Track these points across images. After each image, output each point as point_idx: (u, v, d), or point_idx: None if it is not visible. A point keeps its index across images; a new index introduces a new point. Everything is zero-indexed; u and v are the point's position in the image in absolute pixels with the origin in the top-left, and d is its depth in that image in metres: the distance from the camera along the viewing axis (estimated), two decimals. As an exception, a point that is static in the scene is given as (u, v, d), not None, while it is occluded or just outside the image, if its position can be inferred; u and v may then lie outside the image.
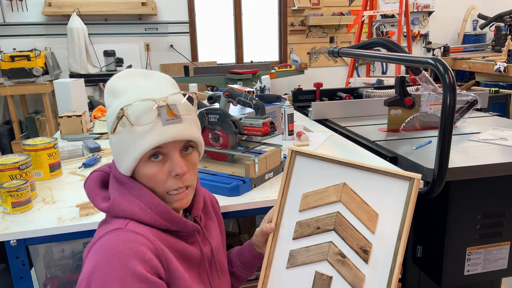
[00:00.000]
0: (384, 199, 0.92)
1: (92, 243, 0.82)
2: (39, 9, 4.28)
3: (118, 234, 0.79)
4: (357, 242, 0.92)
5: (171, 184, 0.85)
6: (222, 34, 5.06)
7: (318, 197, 0.98)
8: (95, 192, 0.89)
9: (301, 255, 0.96)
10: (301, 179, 1.02)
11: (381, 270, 0.88)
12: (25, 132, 4.12)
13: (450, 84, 1.29)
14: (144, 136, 0.81)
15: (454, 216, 1.53)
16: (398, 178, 0.92)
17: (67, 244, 1.61)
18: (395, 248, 0.88)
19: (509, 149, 1.64)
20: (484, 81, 4.30)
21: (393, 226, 0.90)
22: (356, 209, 0.94)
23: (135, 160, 0.83)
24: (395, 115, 1.98)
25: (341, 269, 0.92)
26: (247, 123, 1.48)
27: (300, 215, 0.99)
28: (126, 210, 0.83)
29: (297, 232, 0.98)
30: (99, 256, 0.77)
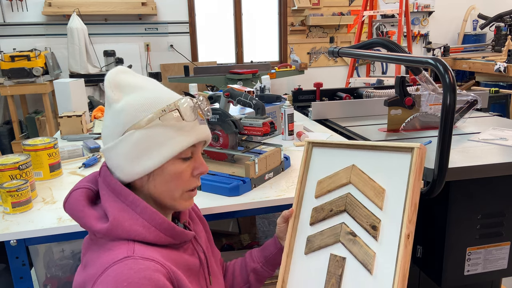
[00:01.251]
0: (390, 174, 0.98)
1: (96, 274, 0.74)
2: (39, 9, 4.28)
3: (128, 264, 0.73)
4: (366, 220, 0.96)
5: (192, 183, 0.87)
6: (222, 34, 5.06)
7: (331, 181, 1.05)
8: (86, 213, 0.81)
9: (317, 239, 1.01)
10: (317, 167, 1.09)
11: (389, 246, 0.91)
12: (25, 132, 4.12)
13: (450, 84, 1.29)
14: (187, 132, 0.82)
15: (454, 216, 1.53)
16: (400, 151, 1.00)
17: (67, 244, 1.61)
18: (401, 221, 0.91)
19: (509, 149, 1.64)
20: (484, 81, 4.30)
21: (400, 200, 0.94)
22: (364, 187, 1.00)
23: (170, 156, 0.81)
24: (395, 115, 1.98)
25: (353, 248, 0.95)
26: (247, 123, 1.48)
27: (316, 201, 1.05)
28: (130, 230, 0.78)
29: (313, 218, 1.04)
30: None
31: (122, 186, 0.82)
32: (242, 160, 1.42)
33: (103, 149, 0.85)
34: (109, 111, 0.84)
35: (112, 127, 0.82)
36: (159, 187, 0.84)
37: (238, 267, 1.15)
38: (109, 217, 0.79)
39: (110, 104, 0.83)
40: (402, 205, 0.94)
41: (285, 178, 1.45)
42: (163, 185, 0.83)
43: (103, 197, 0.83)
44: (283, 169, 1.51)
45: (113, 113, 0.82)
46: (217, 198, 1.28)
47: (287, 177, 1.45)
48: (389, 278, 0.88)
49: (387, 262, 0.90)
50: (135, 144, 0.80)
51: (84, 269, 0.81)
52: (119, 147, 0.81)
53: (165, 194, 0.85)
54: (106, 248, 0.78)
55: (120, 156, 0.81)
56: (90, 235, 0.85)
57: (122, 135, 0.81)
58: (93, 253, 0.80)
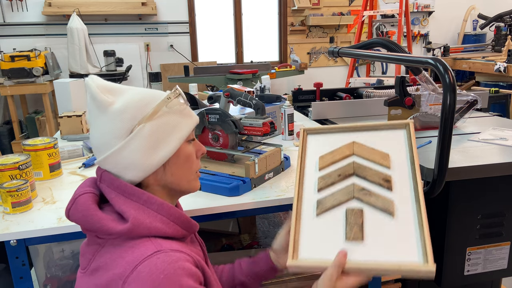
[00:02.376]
0: (389, 146, 1.08)
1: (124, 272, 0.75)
2: (39, 9, 4.28)
3: (161, 257, 0.75)
4: (377, 177, 1.02)
5: (198, 164, 0.94)
6: (222, 34, 5.06)
7: (333, 155, 1.09)
8: (100, 216, 0.80)
9: (329, 200, 1.01)
10: (315, 149, 1.14)
11: (405, 192, 0.98)
12: (25, 132, 4.12)
13: (450, 84, 1.29)
14: (188, 115, 0.89)
15: (454, 216, 1.53)
16: (395, 128, 1.14)
17: (67, 244, 1.61)
18: (411, 171, 1.02)
19: (509, 149, 1.64)
20: (484, 81, 4.30)
21: (404, 161, 1.05)
22: (368, 155, 1.07)
23: (184, 138, 0.87)
24: (395, 115, 1.98)
25: (370, 200, 0.98)
26: (247, 123, 1.48)
27: (321, 172, 1.08)
28: (150, 227, 0.79)
29: (320, 184, 1.05)
30: (150, 284, 0.72)
31: (133, 187, 0.83)
32: (242, 160, 1.42)
33: (105, 157, 0.83)
34: (105, 117, 0.83)
35: (114, 130, 0.82)
36: (176, 172, 0.88)
37: (226, 275, 1.14)
38: (128, 217, 0.79)
39: (105, 108, 0.82)
40: (407, 164, 1.03)
41: (285, 178, 1.45)
42: (179, 169, 0.88)
43: (113, 200, 0.82)
44: (283, 169, 1.51)
45: (113, 116, 0.82)
46: (217, 198, 1.28)
47: (287, 177, 1.45)
48: (411, 219, 0.94)
49: (405, 207, 0.96)
50: (148, 136, 0.82)
51: (99, 272, 0.80)
52: (131, 145, 0.81)
53: (183, 178, 0.89)
54: (127, 247, 0.78)
55: (135, 153, 0.82)
56: (93, 238, 0.84)
57: (131, 132, 0.81)
58: (110, 254, 0.80)
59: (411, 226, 0.94)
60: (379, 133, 1.15)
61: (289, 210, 1.19)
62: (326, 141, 1.15)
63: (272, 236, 2.21)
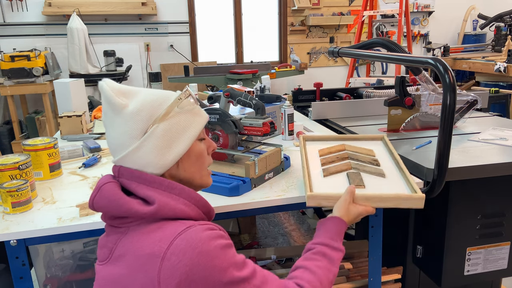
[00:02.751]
0: (372, 147, 1.48)
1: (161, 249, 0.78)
2: (39, 9, 4.28)
3: (194, 229, 0.80)
4: (367, 158, 1.37)
5: (209, 160, 0.99)
6: (222, 34, 5.06)
7: (329, 149, 1.46)
8: (126, 199, 0.84)
9: (332, 168, 1.33)
10: (314, 147, 1.51)
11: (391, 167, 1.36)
12: (25, 132, 4.12)
13: (450, 84, 1.29)
14: (199, 114, 0.93)
15: (454, 216, 1.53)
16: (373, 139, 1.56)
17: (67, 244, 1.61)
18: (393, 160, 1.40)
19: (509, 149, 1.64)
20: (484, 81, 4.30)
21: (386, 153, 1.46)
22: (357, 149, 1.44)
23: (194, 138, 0.90)
24: (395, 115, 1.98)
25: (365, 169, 1.32)
26: (247, 123, 1.48)
27: (321, 157, 1.43)
28: (175, 209, 0.84)
29: (323, 161, 1.40)
30: (188, 256, 0.77)
31: (153, 176, 0.87)
32: (242, 160, 1.42)
33: (122, 156, 0.87)
34: (120, 119, 0.87)
35: (129, 131, 0.86)
36: (189, 169, 0.92)
37: None
38: (154, 200, 0.83)
39: (120, 111, 0.86)
40: (389, 155, 1.44)
41: (285, 178, 1.45)
42: (192, 166, 0.92)
43: (136, 188, 0.86)
44: (283, 169, 1.51)
45: (127, 117, 0.86)
46: (217, 198, 1.28)
47: (287, 177, 1.45)
48: (399, 179, 1.29)
49: (393, 173, 1.31)
50: (162, 136, 0.86)
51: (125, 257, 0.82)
52: (146, 145, 0.86)
53: (196, 175, 0.94)
54: (153, 229, 0.82)
55: (149, 152, 0.86)
56: (111, 229, 0.88)
57: (145, 133, 0.86)
58: (135, 239, 0.82)
59: (400, 182, 1.27)
60: (361, 142, 1.53)
61: (289, 210, 1.21)
62: (321, 144, 1.50)
63: (272, 236, 2.22)
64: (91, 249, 1.65)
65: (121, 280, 0.81)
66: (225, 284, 0.79)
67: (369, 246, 1.41)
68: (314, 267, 0.97)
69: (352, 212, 1.11)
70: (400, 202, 1.14)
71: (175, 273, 0.76)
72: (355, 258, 1.80)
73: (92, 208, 0.88)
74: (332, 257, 1.00)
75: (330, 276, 0.98)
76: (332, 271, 0.99)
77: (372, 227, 1.39)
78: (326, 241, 1.03)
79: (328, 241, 1.03)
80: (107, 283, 0.84)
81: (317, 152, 1.46)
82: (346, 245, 1.89)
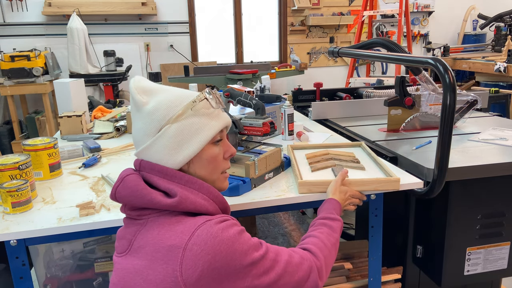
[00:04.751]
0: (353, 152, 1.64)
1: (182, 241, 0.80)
2: (39, 9, 4.28)
3: (212, 223, 0.82)
4: (349, 158, 1.55)
5: (225, 165, 0.98)
6: (222, 34, 5.06)
7: (315, 153, 1.62)
8: (149, 191, 0.86)
9: (318, 165, 1.50)
10: (301, 153, 1.67)
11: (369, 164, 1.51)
12: (25, 132, 4.12)
13: (450, 84, 1.29)
14: (217, 118, 0.93)
15: (454, 216, 1.53)
16: (354, 146, 1.73)
17: (67, 244, 1.62)
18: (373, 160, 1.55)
19: (509, 149, 1.64)
20: (484, 81, 4.30)
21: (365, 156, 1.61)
22: (339, 153, 1.61)
23: (206, 141, 0.90)
24: (395, 115, 1.98)
25: (347, 165, 1.48)
26: (247, 123, 1.48)
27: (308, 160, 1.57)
28: (195, 202, 0.87)
29: (309, 160, 1.56)
30: (210, 245, 0.79)
31: (174, 170, 0.89)
32: (242, 160, 1.42)
33: (139, 150, 0.91)
34: (139, 115, 0.91)
35: (145, 128, 0.90)
36: (199, 171, 0.92)
37: None
38: (176, 192, 0.86)
39: (140, 108, 0.91)
40: (367, 155, 1.61)
41: (285, 178, 1.45)
42: (202, 169, 0.93)
43: (158, 181, 0.88)
44: (283, 169, 1.51)
45: (145, 115, 0.90)
46: (217, 198, 1.28)
47: (287, 177, 1.45)
48: (378, 171, 1.44)
49: (371, 168, 1.47)
50: (173, 137, 0.88)
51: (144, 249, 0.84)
52: (158, 143, 0.89)
53: (206, 178, 0.94)
54: (174, 222, 0.84)
55: (161, 151, 0.89)
56: (130, 221, 0.90)
57: (158, 132, 0.89)
58: (156, 231, 0.84)
59: (379, 172, 1.42)
60: (342, 148, 1.70)
61: (289, 210, 1.22)
62: (307, 151, 1.66)
63: (272, 236, 2.23)
64: (91, 249, 1.65)
65: (142, 271, 0.82)
66: (246, 266, 0.83)
67: (369, 246, 1.41)
68: (316, 233, 1.06)
69: (343, 190, 1.24)
70: (379, 185, 1.30)
71: (198, 262, 0.78)
72: (355, 258, 1.80)
73: (114, 199, 0.90)
74: (331, 225, 1.10)
75: (332, 239, 1.07)
76: (334, 236, 1.08)
77: (372, 227, 1.39)
78: (324, 215, 1.13)
79: (326, 215, 1.13)
80: (127, 274, 0.85)
81: (304, 156, 1.60)
82: (346, 245, 1.89)
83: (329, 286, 1.58)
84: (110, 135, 2.10)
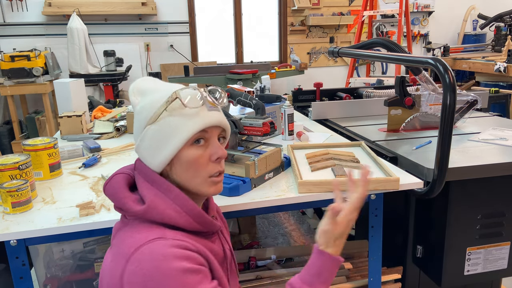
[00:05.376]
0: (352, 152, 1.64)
1: (129, 251, 0.79)
2: (39, 9, 4.28)
3: (162, 242, 0.79)
4: (348, 158, 1.55)
5: (211, 168, 0.89)
6: (222, 34, 5.06)
7: (314, 152, 1.63)
8: (125, 195, 0.86)
9: (318, 164, 1.50)
10: (301, 153, 1.67)
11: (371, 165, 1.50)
12: (25, 132, 4.12)
13: (450, 84, 1.29)
14: (194, 118, 0.86)
15: (454, 216, 1.53)
16: (353, 146, 1.74)
17: (67, 244, 1.62)
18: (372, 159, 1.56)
19: (509, 149, 1.64)
20: (484, 81, 4.30)
21: (365, 155, 1.62)
22: (339, 152, 1.61)
23: (181, 143, 0.85)
24: (395, 115, 1.98)
25: (347, 165, 1.49)
26: (247, 123, 1.48)
27: (308, 159, 1.58)
28: (163, 214, 0.83)
29: (309, 160, 1.56)
30: (145, 268, 0.76)
31: (156, 175, 0.87)
32: (242, 160, 1.42)
33: (134, 149, 0.93)
34: (134, 115, 0.92)
35: (136, 127, 0.91)
36: (180, 175, 0.88)
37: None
38: (146, 200, 0.84)
39: (134, 108, 0.91)
40: (367, 155, 1.61)
41: (285, 178, 1.45)
42: (183, 172, 0.87)
43: (140, 185, 0.88)
44: (283, 169, 1.51)
45: (135, 115, 0.91)
46: (217, 198, 1.27)
47: (287, 177, 1.45)
48: (377, 171, 1.44)
49: (371, 169, 1.33)
50: (151, 138, 0.87)
51: (112, 248, 0.87)
52: (142, 144, 0.89)
53: (189, 182, 0.88)
54: (138, 230, 0.83)
55: (144, 151, 0.89)
56: (122, 218, 0.91)
57: (141, 133, 0.89)
58: (124, 233, 0.85)
59: (379, 172, 1.43)
60: (342, 148, 1.70)
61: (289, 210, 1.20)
62: (307, 151, 1.66)
63: (272, 236, 2.22)
64: (91, 249, 1.65)
65: (105, 269, 0.85)
66: None
67: (369, 246, 1.41)
68: None
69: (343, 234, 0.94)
70: (379, 185, 1.31)
71: (134, 279, 0.77)
72: (355, 258, 1.80)
73: (104, 193, 0.91)
74: None
75: None
76: None
77: (372, 227, 1.39)
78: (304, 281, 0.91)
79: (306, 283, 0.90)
80: (103, 267, 0.87)
81: (304, 156, 1.61)
82: (346, 245, 1.89)
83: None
84: (110, 135, 2.10)
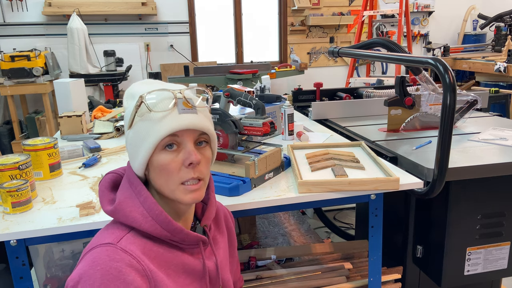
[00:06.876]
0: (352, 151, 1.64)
1: (89, 247, 0.82)
2: (39, 9, 4.28)
3: (108, 250, 0.78)
4: (348, 158, 1.55)
5: (184, 174, 0.83)
6: (222, 34, 5.06)
7: (315, 152, 1.63)
8: (104, 194, 0.89)
9: (318, 165, 1.51)
10: (301, 153, 1.68)
11: (368, 165, 1.51)
12: (25, 132, 4.12)
13: (450, 84, 1.29)
14: (160, 122, 0.82)
15: (454, 216, 1.53)
16: (353, 146, 1.74)
17: (67, 244, 1.62)
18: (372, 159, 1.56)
19: (509, 149, 1.64)
20: (484, 81, 4.30)
21: (365, 155, 1.62)
22: (339, 152, 1.61)
23: (151, 148, 0.82)
24: (395, 115, 1.98)
25: (346, 164, 1.50)
26: (247, 123, 1.48)
27: (308, 159, 1.58)
28: (128, 216, 0.83)
29: (309, 160, 1.57)
30: (86, 268, 0.77)
31: (135, 177, 0.87)
32: (242, 160, 1.42)
33: None
34: None
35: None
36: (155, 180, 0.86)
37: None
38: (116, 201, 0.86)
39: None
40: (367, 155, 1.62)
41: (285, 178, 1.45)
42: (157, 178, 0.85)
43: (120, 186, 0.89)
44: (283, 169, 1.51)
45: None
46: (217, 198, 1.27)
47: (287, 177, 1.45)
48: (377, 170, 1.45)
49: (371, 168, 1.47)
50: (129, 144, 0.87)
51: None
52: (126, 147, 0.90)
53: (163, 187, 0.85)
54: (105, 229, 0.86)
55: (128, 154, 0.89)
56: None
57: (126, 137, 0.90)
58: (99, 231, 0.88)
59: (378, 172, 1.43)
60: (342, 148, 1.70)
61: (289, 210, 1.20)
62: (307, 151, 1.67)
63: (272, 236, 2.23)
64: (91, 249, 1.64)
65: None
66: None
67: (369, 246, 1.41)
68: None
69: None
70: (379, 185, 1.31)
71: (73, 276, 0.78)
72: (355, 258, 1.80)
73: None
74: None
75: None
76: None
77: (372, 227, 1.39)
78: None
79: None
80: None
81: (304, 156, 1.62)
82: (346, 245, 1.89)
83: (329, 286, 1.58)
84: (110, 135, 2.10)
